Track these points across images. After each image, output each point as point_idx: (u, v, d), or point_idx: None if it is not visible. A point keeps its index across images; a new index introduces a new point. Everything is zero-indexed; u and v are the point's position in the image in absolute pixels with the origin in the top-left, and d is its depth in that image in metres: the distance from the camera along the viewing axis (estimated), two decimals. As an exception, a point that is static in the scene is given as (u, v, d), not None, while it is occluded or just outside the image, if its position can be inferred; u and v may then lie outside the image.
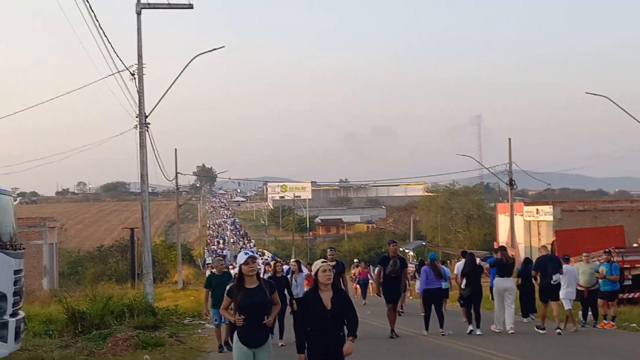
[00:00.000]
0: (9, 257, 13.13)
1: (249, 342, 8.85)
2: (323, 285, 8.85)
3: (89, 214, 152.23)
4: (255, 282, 9.05)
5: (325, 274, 8.85)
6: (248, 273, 8.98)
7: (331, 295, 8.84)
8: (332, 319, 8.72)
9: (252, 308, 8.86)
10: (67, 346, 18.41)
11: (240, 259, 9.09)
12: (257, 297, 8.93)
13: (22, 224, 54.11)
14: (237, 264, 9.12)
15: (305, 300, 9.03)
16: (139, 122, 29.27)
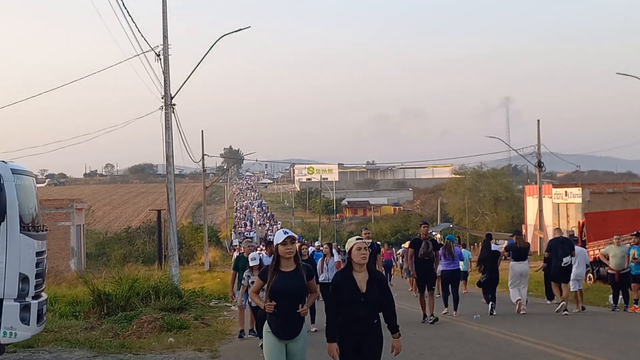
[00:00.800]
0: (31, 239, 13.01)
1: (281, 332, 8.02)
2: (357, 265, 7.96)
3: (117, 196, 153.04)
4: (292, 265, 8.13)
5: (361, 252, 7.97)
6: (285, 254, 8.07)
7: (367, 277, 7.96)
8: (367, 305, 7.85)
9: (287, 294, 7.97)
10: (92, 328, 18.38)
11: (278, 238, 8.14)
12: (293, 282, 8.03)
13: (49, 205, 54.45)
14: (275, 243, 8.18)
15: (336, 283, 8.06)
16: (164, 103, 29.13)
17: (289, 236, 8.09)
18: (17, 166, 13.41)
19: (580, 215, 50.34)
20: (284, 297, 7.95)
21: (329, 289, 16.01)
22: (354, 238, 8.17)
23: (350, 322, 7.84)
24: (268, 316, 8.02)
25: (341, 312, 7.87)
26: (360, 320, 7.84)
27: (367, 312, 7.85)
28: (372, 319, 7.90)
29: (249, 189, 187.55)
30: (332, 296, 7.96)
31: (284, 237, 8.06)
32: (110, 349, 15.39)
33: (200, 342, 16.47)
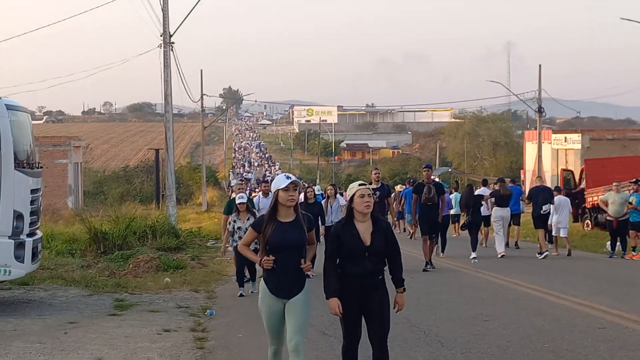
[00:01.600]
0: (26, 176, 12.84)
1: (281, 291, 7.08)
2: (360, 215, 7.13)
3: (115, 134, 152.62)
4: (291, 215, 7.12)
5: (364, 200, 7.08)
6: (286, 202, 7.03)
7: (370, 228, 7.11)
8: (371, 258, 7.07)
9: (286, 248, 7.01)
10: (88, 266, 18.32)
11: (279, 182, 7.09)
12: (293, 234, 7.05)
13: (47, 142, 54.26)
14: (273, 189, 7.12)
15: (336, 233, 7.20)
16: (163, 41, 28.83)
17: (292, 182, 7.03)
18: (12, 102, 13.18)
19: (579, 161, 50.21)
20: (283, 252, 7.01)
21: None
22: (356, 184, 7.30)
23: (353, 278, 7.09)
24: (265, 273, 7.12)
25: (342, 266, 7.16)
26: (364, 276, 7.08)
27: (372, 267, 7.10)
28: (377, 275, 7.16)
29: (247, 129, 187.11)
30: (331, 247, 7.20)
31: (287, 183, 7.01)
32: (106, 287, 15.35)
33: (196, 282, 16.44)
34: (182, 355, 9.75)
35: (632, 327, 10.97)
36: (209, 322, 12.21)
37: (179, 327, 11.61)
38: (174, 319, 12.32)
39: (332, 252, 7.19)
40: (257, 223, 7.25)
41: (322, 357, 9.55)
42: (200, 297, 14.75)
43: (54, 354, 9.69)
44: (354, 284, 7.10)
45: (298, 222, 7.12)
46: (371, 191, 7.22)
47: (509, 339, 10.20)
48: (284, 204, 7.06)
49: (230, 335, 11.17)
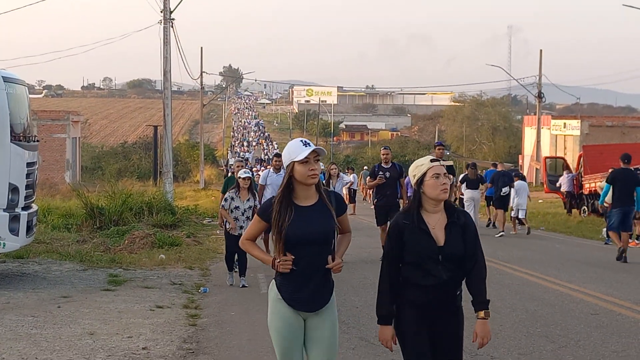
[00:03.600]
0: (22, 149, 12.80)
1: (300, 302, 5.20)
2: (432, 203, 5.20)
3: (114, 110, 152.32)
4: (313, 196, 5.26)
5: (440, 182, 5.16)
6: (306, 180, 5.17)
7: (444, 221, 5.21)
8: (446, 264, 5.13)
9: (310, 242, 5.15)
10: (84, 241, 18.34)
11: (294, 151, 5.20)
12: (317, 222, 5.19)
13: (45, 117, 54.20)
14: (287, 161, 5.24)
15: (398, 228, 5.21)
16: (163, 17, 28.74)
17: (314, 150, 5.17)
18: (9, 74, 13.11)
19: (578, 147, 50.20)
20: (306, 247, 5.14)
21: None
22: (425, 159, 5.33)
23: (419, 293, 5.16)
24: (278, 277, 5.27)
25: (403, 276, 5.23)
26: (435, 290, 5.15)
27: (449, 276, 5.16)
28: (452, 288, 5.23)
29: (247, 108, 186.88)
30: (392, 249, 5.24)
31: (306, 152, 5.14)
32: (101, 263, 15.35)
33: (191, 259, 16.44)
34: (174, 332, 9.75)
35: (625, 313, 10.98)
36: (202, 300, 12.22)
37: (172, 304, 11.62)
38: (167, 295, 12.33)
39: (393, 255, 5.24)
40: (265, 209, 5.32)
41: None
42: (195, 275, 14.76)
43: (46, 328, 9.70)
44: (420, 301, 5.18)
45: (323, 204, 5.26)
46: (445, 171, 5.30)
47: (501, 323, 10.20)
48: (302, 181, 5.17)
49: (223, 313, 11.18)
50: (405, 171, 17.28)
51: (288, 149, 5.28)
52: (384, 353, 8.54)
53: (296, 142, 5.27)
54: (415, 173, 5.29)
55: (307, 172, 5.15)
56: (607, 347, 8.97)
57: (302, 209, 5.21)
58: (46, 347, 8.77)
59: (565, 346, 9.00)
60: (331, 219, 5.24)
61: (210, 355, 8.71)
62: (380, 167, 16.56)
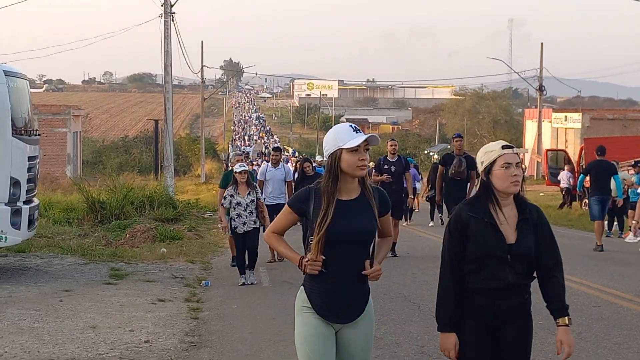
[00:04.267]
0: (23, 143, 12.81)
1: (332, 312, 4.58)
2: (501, 195, 4.56)
3: (115, 104, 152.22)
4: (355, 190, 4.62)
5: (510, 172, 4.50)
6: (354, 171, 4.53)
7: (515, 216, 4.58)
8: (516, 265, 4.53)
9: (349, 242, 4.53)
10: (85, 235, 18.38)
11: (343, 137, 4.55)
12: (360, 219, 4.56)
13: (46, 111, 54.14)
14: (331, 147, 4.57)
15: (462, 222, 4.57)
16: (164, 11, 28.72)
17: (372, 136, 4.57)
18: (10, 68, 13.12)
19: (579, 140, 50.18)
20: (343, 247, 4.52)
21: None
22: (497, 145, 4.63)
23: (484, 297, 4.54)
24: (308, 282, 4.64)
25: (465, 276, 4.59)
26: (501, 295, 4.54)
27: (516, 279, 4.56)
28: (521, 293, 4.65)
29: (247, 102, 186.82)
30: (452, 246, 4.61)
31: (360, 140, 4.50)
32: (102, 256, 15.37)
33: (192, 253, 16.46)
34: (176, 325, 9.76)
35: (627, 305, 10.98)
36: (204, 293, 12.24)
37: (174, 297, 11.63)
38: (169, 289, 12.34)
39: (454, 252, 4.61)
40: (300, 200, 4.69)
41: (316, 329, 9.56)
42: (196, 268, 14.77)
43: (48, 321, 9.71)
44: (485, 307, 4.56)
45: (365, 200, 4.62)
46: (518, 160, 4.61)
47: (503, 316, 10.19)
48: (349, 172, 4.52)
49: (225, 307, 11.19)
50: (410, 164, 16.81)
51: (335, 133, 4.60)
52: (386, 346, 8.56)
53: (345, 127, 4.60)
54: (483, 160, 4.63)
55: (357, 161, 4.50)
56: (608, 339, 8.98)
57: (343, 203, 4.56)
58: (48, 340, 8.79)
59: (567, 338, 8.99)
60: (373, 217, 4.60)
61: (212, 348, 8.73)
62: (385, 161, 15.79)
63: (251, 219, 12.83)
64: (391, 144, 16.13)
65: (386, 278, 13.62)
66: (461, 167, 15.81)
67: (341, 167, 4.53)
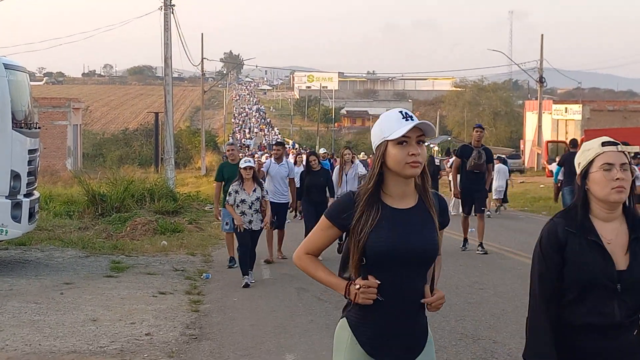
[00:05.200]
0: (23, 136, 12.81)
1: (385, 351, 3.69)
2: (604, 207, 3.62)
3: (115, 97, 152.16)
4: (411, 196, 3.70)
5: (611, 176, 3.56)
6: (404, 170, 3.60)
7: (625, 234, 3.61)
8: (624, 297, 3.55)
9: (405, 262, 3.62)
10: (86, 228, 18.38)
11: (390, 126, 3.62)
12: (417, 234, 3.64)
13: (46, 104, 54.15)
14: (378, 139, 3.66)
15: (557, 238, 3.65)
16: (163, 4, 28.72)
17: (425, 124, 3.61)
18: (10, 61, 13.11)
19: (579, 132, 50.17)
20: (395, 271, 3.60)
21: None
22: (596, 142, 3.67)
23: (586, 336, 3.59)
24: (353, 312, 3.70)
25: (563, 311, 3.62)
26: (602, 333, 3.56)
27: (625, 315, 3.56)
28: (628, 332, 3.59)
29: (248, 94, 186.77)
30: (544, 273, 3.67)
31: (407, 128, 3.57)
32: (103, 249, 15.38)
33: (193, 246, 16.46)
34: (177, 318, 9.77)
35: None
36: (205, 286, 12.24)
37: (175, 290, 11.64)
38: (169, 281, 12.35)
39: (547, 282, 3.66)
40: (340, 209, 3.69)
41: (317, 321, 9.58)
42: (197, 261, 14.78)
43: (49, 314, 9.72)
44: (587, 350, 3.60)
45: (425, 209, 3.70)
46: (629, 158, 3.64)
47: (503, 307, 10.22)
48: (397, 171, 3.59)
49: (226, 299, 11.20)
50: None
51: (380, 123, 3.70)
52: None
53: (393, 114, 3.67)
54: (580, 161, 3.71)
55: (405, 157, 3.55)
56: None
57: (395, 212, 3.62)
58: (49, 333, 8.80)
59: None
60: (435, 231, 3.68)
61: (213, 340, 8.74)
62: None
63: (258, 217, 12.18)
64: None
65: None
66: (481, 160, 15.05)
67: (387, 164, 3.60)
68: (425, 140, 3.64)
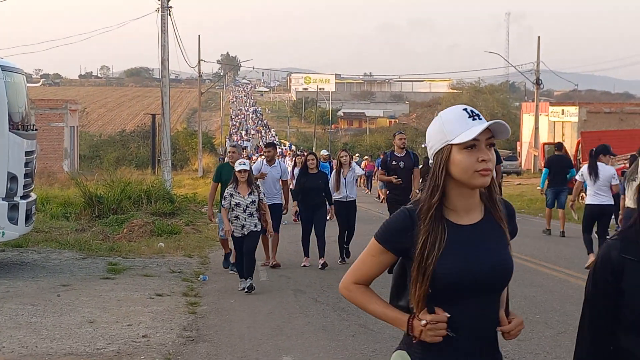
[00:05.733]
0: (20, 138, 12.81)
1: None
2: None
3: (112, 99, 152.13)
4: (477, 209, 3.12)
5: None
6: (470, 179, 3.00)
7: None
8: None
9: (474, 291, 3.01)
10: (82, 230, 18.36)
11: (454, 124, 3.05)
12: (488, 254, 3.04)
13: (43, 105, 54.10)
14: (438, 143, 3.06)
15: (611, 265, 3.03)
16: (160, 5, 28.72)
17: (498, 124, 3.06)
18: (7, 63, 13.11)
19: (576, 134, 50.21)
20: (465, 299, 3.02)
21: (344, 210, 14.56)
22: None
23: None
24: (419, 348, 3.08)
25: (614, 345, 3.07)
26: None
27: None
28: None
29: (245, 96, 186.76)
30: (592, 303, 3.13)
31: (479, 129, 3.01)
32: (100, 251, 15.37)
33: (190, 248, 16.45)
34: (174, 320, 9.77)
35: None
36: (202, 287, 12.24)
37: (172, 292, 11.64)
38: (166, 283, 12.34)
39: (602, 310, 3.10)
40: (397, 229, 3.09)
41: (314, 323, 9.58)
42: (194, 263, 14.77)
43: (46, 316, 9.72)
44: None
45: (495, 222, 3.12)
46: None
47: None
48: (465, 181, 3.02)
49: (223, 301, 11.20)
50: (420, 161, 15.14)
51: (440, 123, 3.10)
52: (383, 340, 8.57)
53: (456, 112, 3.09)
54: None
55: (474, 164, 2.98)
56: None
57: (462, 230, 3.05)
58: (46, 335, 8.79)
59: (564, 332, 9.01)
60: (508, 247, 3.10)
61: (210, 342, 8.74)
62: (393, 156, 14.21)
63: (251, 222, 11.75)
64: (400, 138, 14.56)
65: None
66: None
67: (451, 172, 3.02)
68: (493, 142, 3.09)
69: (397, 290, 3.22)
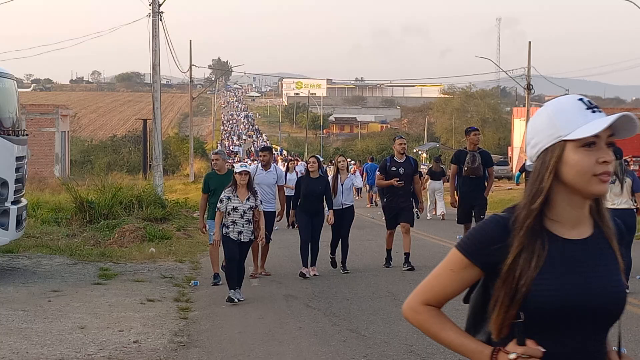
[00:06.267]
0: (11, 144, 12.78)
1: None
2: None
3: (103, 104, 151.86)
4: (586, 222, 2.53)
5: None
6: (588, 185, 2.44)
7: None
8: None
9: (581, 319, 2.43)
10: (73, 235, 18.34)
11: (569, 116, 2.45)
12: (599, 276, 2.46)
13: (34, 110, 54.00)
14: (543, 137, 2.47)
15: None
16: (152, 11, 28.70)
17: (626, 117, 2.43)
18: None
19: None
20: (570, 329, 2.44)
21: (337, 218, 14.61)
22: None
23: None
24: None
25: None
26: None
27: None
28: None
29: (236, 101, 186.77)
30: None
31: (602, 124, 2.41)
32: (91, 256, 15.34)
33: (181, 253, 16.45)
34: (165, 325, 9.75)
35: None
36: (193, 293, 12.23)
37: (163, 297, 11.62)
38: (158, 288, 12.32)
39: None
40: (485, 239, 2.51)
41: (305, 328, 9.58)
42: (185, 268, 14.76)
43: (37, 322, 9.69)
44: None
45: (604, 240, 2.56)
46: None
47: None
48: (580, 187, 2.46)
49: (214, 306, 11.18)
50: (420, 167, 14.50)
51: (551, 114, 2.52)
52: (375, 345, 8.58)
53: (571, 101, 2.53)
54: None
55: (594, 166, 2.43)
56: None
57: (568, 246, 2.50)
58: (37, 341, 8.77)
59: None
60: (620, 270, 2.55)
61: (202, 348, 8.72)
62: (393, 161, 14.03)
63: (249, 228, 11.29)
64: (400, 143, 14.15)
65: (375, 277, 13.68)
66: (475, 164, 13.87)
67: (562, 175, 2.46)
68: (613, 142, 2.50)
69: (475, 321, 2.66)
